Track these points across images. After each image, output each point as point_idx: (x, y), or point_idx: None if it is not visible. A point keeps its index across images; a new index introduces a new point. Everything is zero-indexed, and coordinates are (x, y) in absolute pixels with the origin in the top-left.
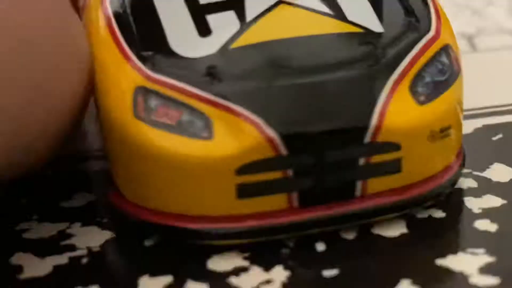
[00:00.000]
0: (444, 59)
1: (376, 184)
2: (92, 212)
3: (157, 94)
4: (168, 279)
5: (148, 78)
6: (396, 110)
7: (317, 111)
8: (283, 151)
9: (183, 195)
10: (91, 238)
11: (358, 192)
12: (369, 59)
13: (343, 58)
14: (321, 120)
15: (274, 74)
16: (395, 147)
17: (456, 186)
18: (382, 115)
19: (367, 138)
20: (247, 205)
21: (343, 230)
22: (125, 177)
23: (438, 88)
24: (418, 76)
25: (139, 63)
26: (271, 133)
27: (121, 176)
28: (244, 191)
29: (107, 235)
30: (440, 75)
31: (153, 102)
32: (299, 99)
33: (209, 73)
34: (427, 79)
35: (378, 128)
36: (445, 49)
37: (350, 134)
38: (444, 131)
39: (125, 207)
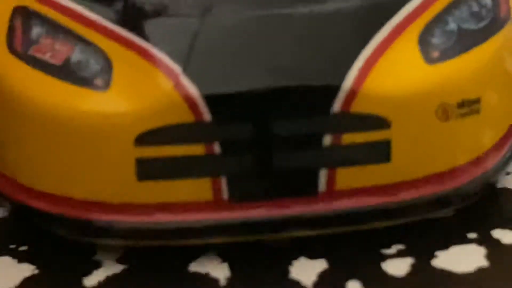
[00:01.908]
0: None
1: (350, 176)
2: None
3: (42, 18)
4: None
5: None
6: (389, 67)
7: (262, 60)
8: (207, 116)
9: (60, 168)
10: None
11: (322, 187)
12: None
13: None
14: (267, 74)
15: (213, 4)
16: (381, 123)
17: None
18: (363, 73)
19: (336, 106)
20: (153, 191)
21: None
22: None
23: (466, 40)
24: (437, 19)
25: None
26: (192, 89)
27: None
28: (147, 170)
29: None
30: (474, 20)
31: (36, 30)
32: (240, 42)
33: None
34: (451, 25)
35: (354, 91)
36: None
37: (309, 97)
38: (466, 106)
39: None
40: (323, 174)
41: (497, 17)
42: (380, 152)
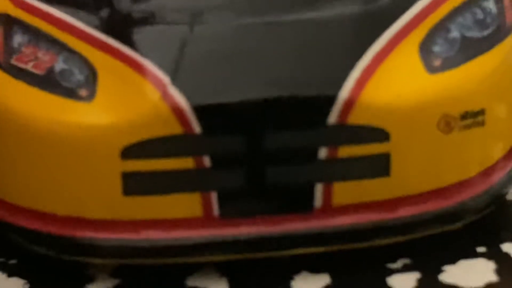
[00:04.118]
0: (489, 4)
1: (348, 191)
2: None
3: (24, 26)
4: None
5: (15, 1)
6: (388, 77)
7: (255, 70)
8: (196, 128)
9: (42, 182)
10: None
11: (318, 202)
12: None
13: None
14: (260, 84)
15: (203, 11)
16: (380, 135)
17: None
18: (360, 82)
19: (333, 118)
20: (140, 207)
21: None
22: None
23: (470, 48)
24: (439, 27)
25: None
26: (181, 100)
27: None
28: (133, 185)
29: None
30: (478, 28)
31: (18, 38)
32: (232, 51)
33: (107, 1)
34: (454, 33)
35: (351, 102)
36: None
37: (304, 108)
38: (470, 118)
39: None
40: (318, 189)
41: (502, 24)
42: (379, 166)
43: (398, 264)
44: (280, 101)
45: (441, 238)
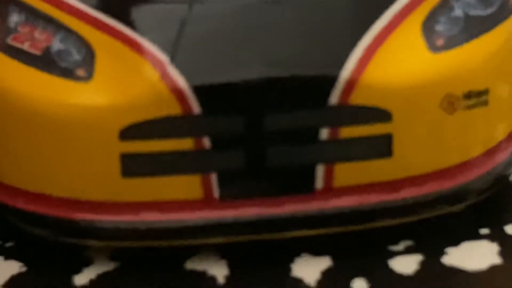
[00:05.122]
0: None
1: (349, 172)
2: None
3: (20, 5)
4: None
5: None
6: (390, 56)
7: (255, 49)
8: (196, 108)
9: (39, 163)
10: None
11: (319, 184)
12: None
13: None
14: (260, 64)
15: None
16: (382, 115)
17: None
18: (362, 62)
19: (334, 98)
20: (139, 188)
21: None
22: None
23: (473, 27)
24: (442, 5)
25: None
26: (180, 80)
27: None
28: (132, 166)
29: None
30: (482, 6)
31: (14, 17)
32: (232, 30)
33: None
34: (457, 11)
35: (352, 82)
36: None
37: (305, 89)
38: (473, 97)
39: None
40: (320, 170)
41: (506, 2)
42: (381, 147)
43: (401, 246)
44: (281, 81)
45: (443, 220)
